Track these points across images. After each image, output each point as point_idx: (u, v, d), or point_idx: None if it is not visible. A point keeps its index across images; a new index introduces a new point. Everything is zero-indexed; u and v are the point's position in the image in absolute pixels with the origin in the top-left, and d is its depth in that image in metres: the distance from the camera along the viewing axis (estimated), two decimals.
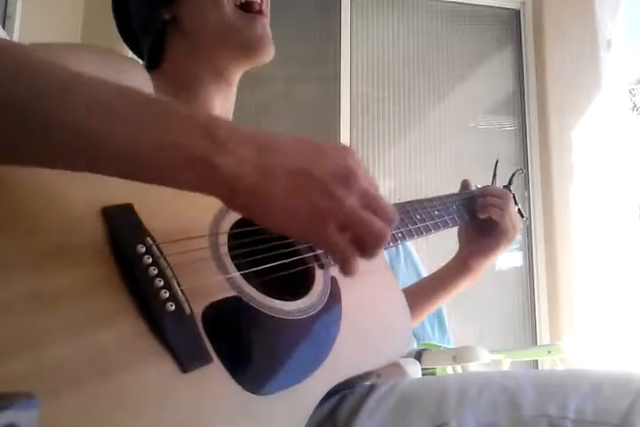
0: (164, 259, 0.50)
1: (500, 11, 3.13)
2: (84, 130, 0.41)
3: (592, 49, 2.86)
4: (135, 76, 0.69)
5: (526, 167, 2.90)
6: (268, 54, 0.78)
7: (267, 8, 0.79)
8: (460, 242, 0.96)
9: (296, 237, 0.45)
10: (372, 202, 0.46)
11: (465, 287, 0.95)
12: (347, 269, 0.46)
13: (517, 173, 1.05)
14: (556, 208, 2.80)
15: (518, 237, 3.21)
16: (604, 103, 2.82)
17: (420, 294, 0.93)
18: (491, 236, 0.91)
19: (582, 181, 2.76)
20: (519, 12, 3.14)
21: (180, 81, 0.78)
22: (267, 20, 0.78)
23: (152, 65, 0.82)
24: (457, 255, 0.95)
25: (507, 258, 2.92)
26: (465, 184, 0.98)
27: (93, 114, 0.42)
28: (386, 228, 0.46)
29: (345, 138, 2.79)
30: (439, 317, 1.65)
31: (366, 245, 0.46)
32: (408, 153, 2.89)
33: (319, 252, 0.64)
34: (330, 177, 0.44)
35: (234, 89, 0.83)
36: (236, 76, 0.82)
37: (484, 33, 3.10)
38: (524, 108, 3.02)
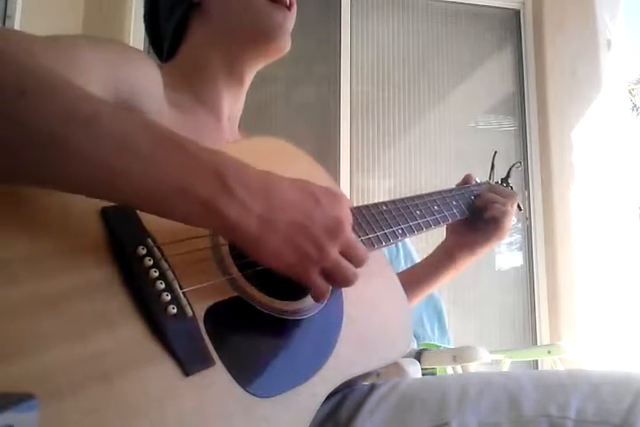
0: (165, 260, 0.50)
1: (500, 11, 3.13)
2: (98, 159, 0.43)
3: (592, 49, 2.85)
4: (147, 68, 0.67)
5: (526, 167, 2.90)
6: (283, 47, 0.77)
7: (294, 5, 0.78)
8: (447, 233, 0.93)
9: (282, 272, 0.51)
10: (351, 251, 0.54)
11: (445, 281, 0.92)
12: (320, 301, 0.54)
13: (515, 166, 1.05)
14: (556, 208, 2.80)
15: (518, 236, 3.18)
16: (603, 103, 2.81)
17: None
18: (482, 231, 0.89)
19: (582, 181, 2.76)
20: (519, 12, 3.14)
21: (192, 73, 0.77)
22: (291, 16, 0.77)
23: (169, 55, 0.80)
24: (440, 247, 0.93)
25: (507, 258, 2.92)
26: (467, 179, 0.96)
27: (108, 144, 0.43)
28: (356, 274, 0.54)
29: (345, 138, 2.79)
30: (439, 317, 1.64)
31: (337, 283, 0.54)
32: (408, 153, 2.89)
33: None
34: (322, 231, 0.51)
35: (244, 90, 0.82)
36: (248, 72, 0.80)
37: (483, 33, 3.10)
38: (524, 108, 3.02)
